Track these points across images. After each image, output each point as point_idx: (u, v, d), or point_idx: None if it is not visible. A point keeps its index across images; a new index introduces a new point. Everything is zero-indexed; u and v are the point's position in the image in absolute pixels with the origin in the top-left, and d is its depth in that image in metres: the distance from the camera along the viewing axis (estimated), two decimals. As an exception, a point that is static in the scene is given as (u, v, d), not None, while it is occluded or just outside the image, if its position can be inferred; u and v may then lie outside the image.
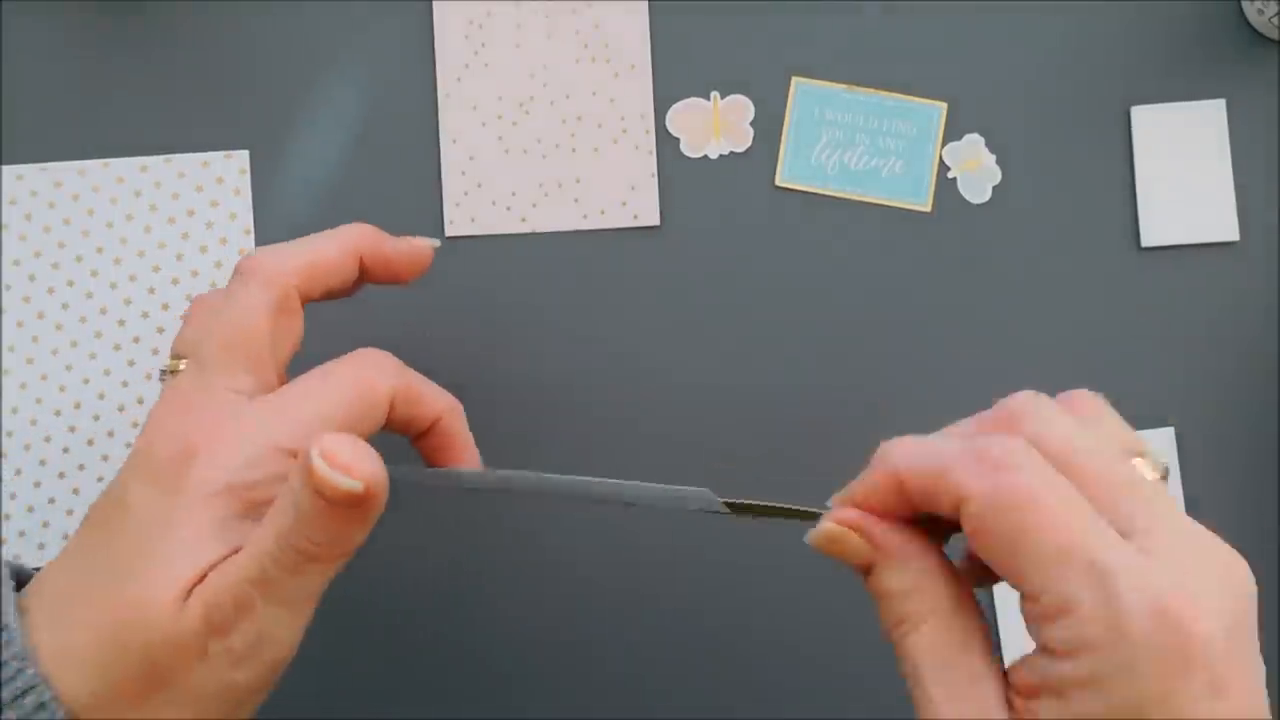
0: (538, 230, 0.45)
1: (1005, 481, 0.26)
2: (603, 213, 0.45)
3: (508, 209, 0.45)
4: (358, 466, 0.29)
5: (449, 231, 0.45)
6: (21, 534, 0.44)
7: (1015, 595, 0.27)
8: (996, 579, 0.28)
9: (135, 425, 0.44)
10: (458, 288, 0.45)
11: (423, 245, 0.38)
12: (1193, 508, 0.45)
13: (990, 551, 0.27)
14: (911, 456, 0.29)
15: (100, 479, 0.44)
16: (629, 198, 0.45)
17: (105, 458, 0.44)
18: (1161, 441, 0.46)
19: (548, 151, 0.45)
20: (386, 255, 0.37)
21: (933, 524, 0.30)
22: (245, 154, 0.46)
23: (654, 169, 0.45)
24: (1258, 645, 0.26)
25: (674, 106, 0.46)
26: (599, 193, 0.45)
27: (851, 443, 0.46)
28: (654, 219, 0.45)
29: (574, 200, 0.45)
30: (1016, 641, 0.44)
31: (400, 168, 0.46)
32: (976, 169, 0.46)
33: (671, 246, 0.46)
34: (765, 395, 0.45)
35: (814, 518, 0.31)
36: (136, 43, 0.46)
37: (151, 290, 0.45)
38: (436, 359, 0.44)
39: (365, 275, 0.37)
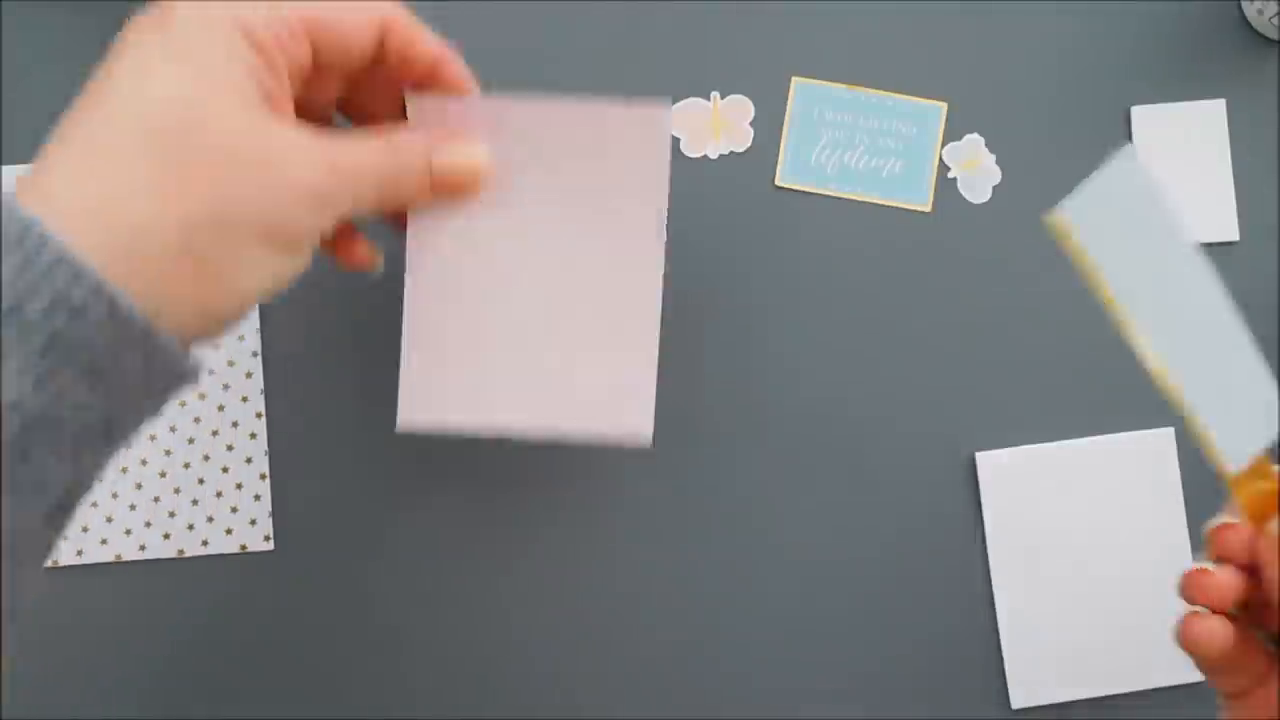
0: None
1: None
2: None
3: None
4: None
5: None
6: None
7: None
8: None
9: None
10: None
11: (456, 73, 0.37)
12: (1193, 508, 0.45)
13: None
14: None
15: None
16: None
17: (105, 458, 0.44)
18: (1161, 441, 0.46)
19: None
20: (415, 49, 0.36)
21: None
22: (245, 154, 0.46)
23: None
24: None
25: (674, 106, 0.46)
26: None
27: (851, 440, 0.46)
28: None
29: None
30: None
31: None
32: (976, 169, 0.46)
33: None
34: (766, 394, 0.45)
35: None
36: (136, 43, 0.46)
37: (151, 290, 0.45)
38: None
39: (381, 62, 0.35)
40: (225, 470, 0.45)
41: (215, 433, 0.45)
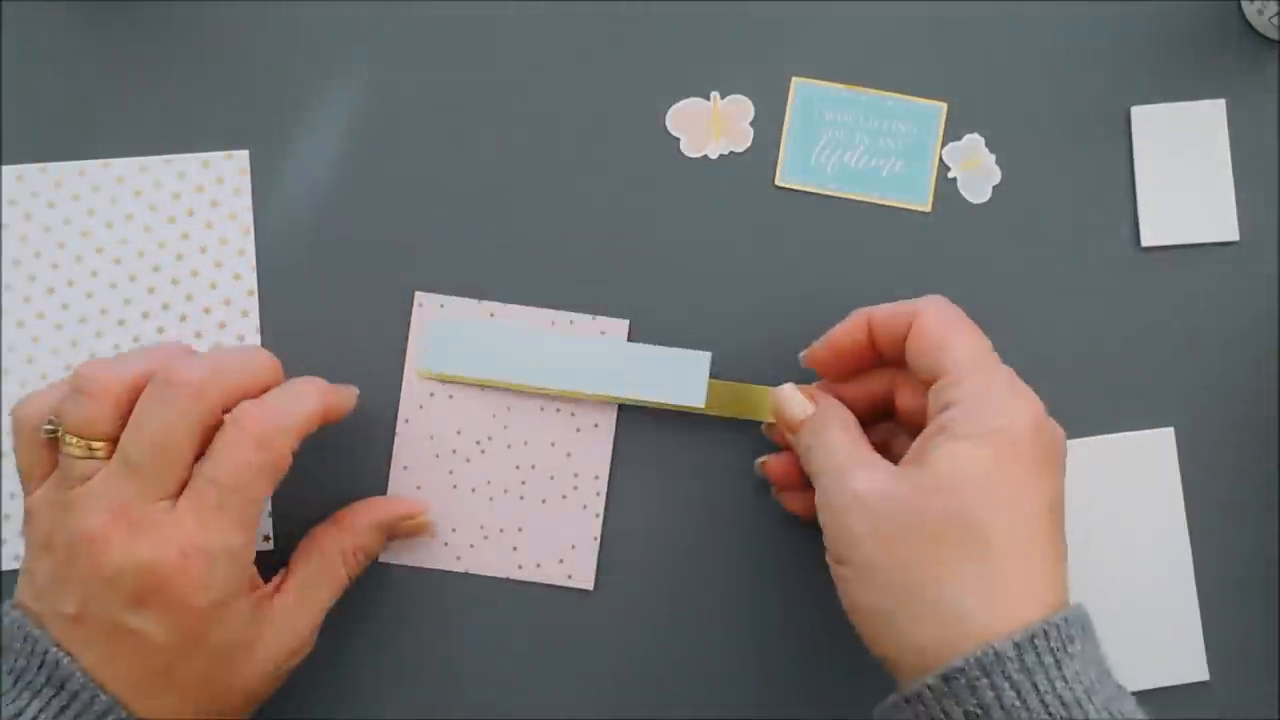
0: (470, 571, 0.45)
1: (949, 306, 0.40)
2: (538, 566, 0.44)
3: (445, 544, 0.45)
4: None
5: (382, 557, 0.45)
6: (22, 534, 0.44)
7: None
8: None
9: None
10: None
11: (349, 395, 0.42)
12: (1193, 507, 0.45)
13: (925, 353, 0.38)
14: (881, 307, 0.41)
15: (100, 479, 0.44)
16: (567, 555, 0.45)
17: (105, 458, 0.44)
18: (1161, 441, 0.46)
19: (495, 494, 0.45)
20: (334, 411, 0.41)
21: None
22: (245, 154, 0.46)
23: (596, 532, 0.45)
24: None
25: (674, 106, 0.46)
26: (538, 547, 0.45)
27: (851, 443, 0.46)
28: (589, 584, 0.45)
29: (512, 549, 0.45)
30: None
31: (400, 168, 0.46)
32: (976, 169, 0.46)
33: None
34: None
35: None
36: (136, 43, 0.46)
37: (151, 290, 0.45)
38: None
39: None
40: (225, 470, 0.45)
41: (215, 433, 0.45)
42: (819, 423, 0.40)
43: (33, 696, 0.35)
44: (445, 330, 0.45)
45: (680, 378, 0.44)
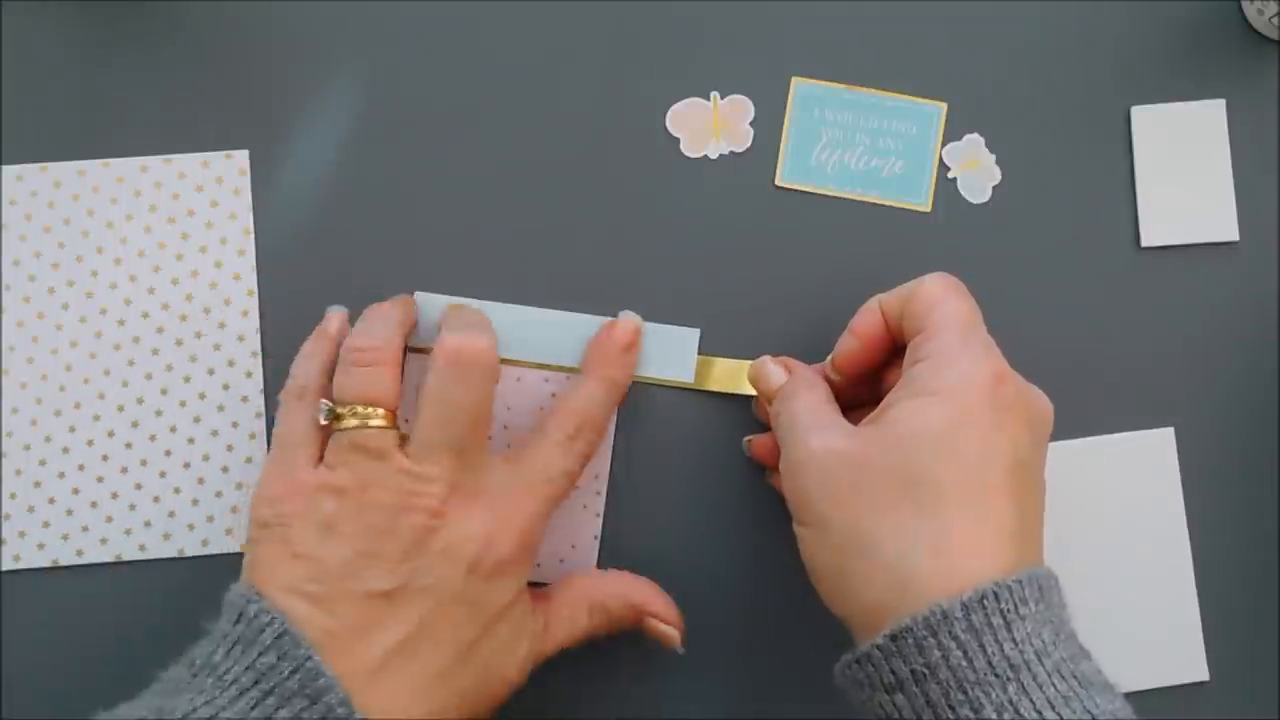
0: None
1: (951, 277, 0.39)
2: (539, 566, 0.44)
3: None
4: None
5: None
6: (22, 534, 0.44)
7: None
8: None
9: (135, 425, 0.44)
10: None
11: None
12: (1193, 507, 0.45)
13: (917, 315, 0.38)
14: (891, 291, 0.40)
15: (100, 479, 0.44)
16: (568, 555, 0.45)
17: (105, 458, 0.44)
18: (1161, 441, 0.46)
19: None
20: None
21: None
22: (245, 154, 0.46)
23: (597, 532, 0.45)
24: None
25: (674, 106, 0.46)
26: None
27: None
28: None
29: None
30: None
31: (400, 168, 0.46)
32: (976, 169, 0.46)
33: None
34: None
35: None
36: (136, 43, 0.46)
37: (151, 290, 0.45)
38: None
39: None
40: (225, 470, 0.45)
41: (215, 433, 0.45)
42: (789, 389, 0.40)
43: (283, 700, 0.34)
44: (435, 305, 0.45)
45: (670, 354, 0.44)
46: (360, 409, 0.38)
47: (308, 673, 0.34)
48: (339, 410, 0.38)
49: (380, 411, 0.38)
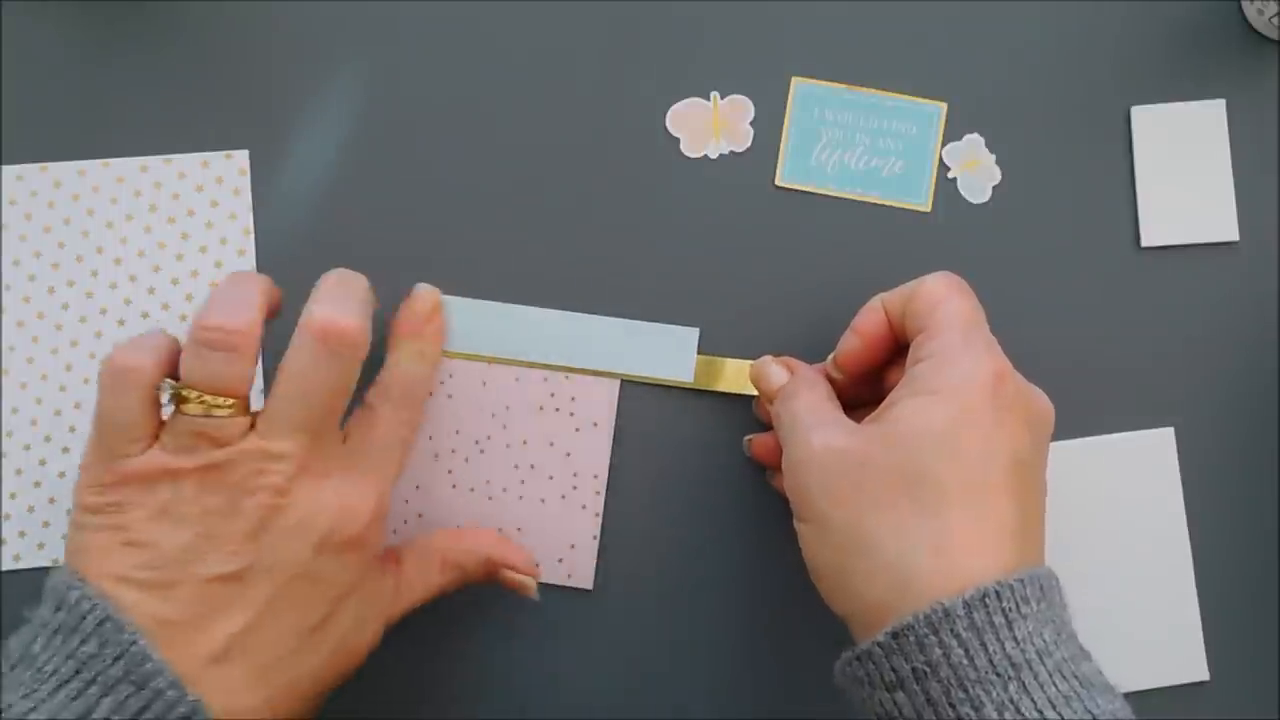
0: None
1: (954, 276, 0.39)
2: (538, 566, 0.44)
3: None
4: None
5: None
6: (22, 534, 0.44)
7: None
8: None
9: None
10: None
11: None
12: (1193, 508, 0.45)
13: (919, 314, 0.38)
14: (893, 290, 0.40)
15: (100, 479, 0.44)
16: (567, 555, 0.45)
17: (105, 458, 0.44)
18: (1161, 441, 0.46)
19: (495, 494, 0.45)
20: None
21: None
22: (245, 154, 0.46)
23: (596, 532, 0.45)
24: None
25: (674, 106, 0.46)
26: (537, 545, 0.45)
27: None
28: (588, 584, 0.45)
29: None
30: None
31: (400, 168, 0.46)
32: (976, 169, 0.46)
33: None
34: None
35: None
36: (136, 43, 0.46)
37: (151, 290, 0.45)
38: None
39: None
40: (225, 470, 0.45)
41: (215, 433, 0.45)
42: (790, 388, 0.40)
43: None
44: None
45: (670, 354, 0.44)
46: (208, 397, 0.35)
47: (132, 658, 0.32)
48: (184, 392, 0.35)
49: (229, 401, 0.35)
